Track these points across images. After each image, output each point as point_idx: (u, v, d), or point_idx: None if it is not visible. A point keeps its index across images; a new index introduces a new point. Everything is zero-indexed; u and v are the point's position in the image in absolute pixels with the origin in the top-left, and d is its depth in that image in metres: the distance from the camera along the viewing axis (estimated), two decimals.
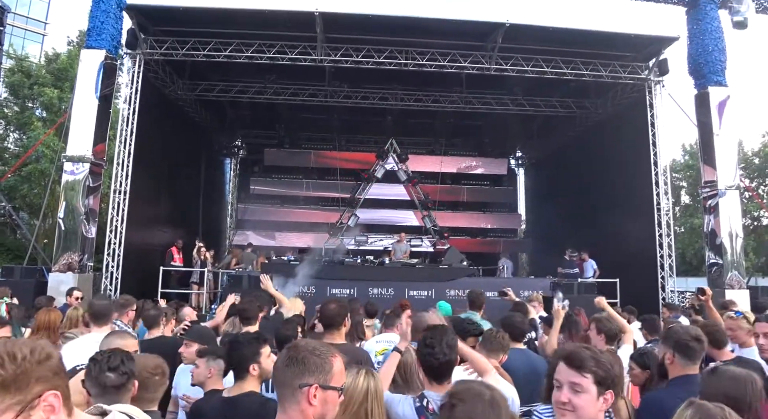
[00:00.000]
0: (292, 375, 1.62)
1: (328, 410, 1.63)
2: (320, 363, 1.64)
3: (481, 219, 19.96)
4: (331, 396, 1.63)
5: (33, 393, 1.11)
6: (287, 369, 1.65)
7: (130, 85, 11.79)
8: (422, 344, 2.49)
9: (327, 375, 1.63)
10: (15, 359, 1.10)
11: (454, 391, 1.74)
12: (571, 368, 1.85)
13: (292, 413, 1.61)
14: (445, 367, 2.45)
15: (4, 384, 1.08)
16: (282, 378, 1.65)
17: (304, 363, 1.63)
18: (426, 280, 12.04)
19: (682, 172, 36.06)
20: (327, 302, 3.70)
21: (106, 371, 2.17)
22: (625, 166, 13.65)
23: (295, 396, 1.61)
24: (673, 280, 12.38)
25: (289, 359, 1.66)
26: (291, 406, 1.61)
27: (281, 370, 1.66)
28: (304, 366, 1.62)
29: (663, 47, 12.32)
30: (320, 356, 1.66)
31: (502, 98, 14.97)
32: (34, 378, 1.12)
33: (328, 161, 18.94)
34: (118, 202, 11.40)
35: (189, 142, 15.51)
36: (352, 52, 12.00)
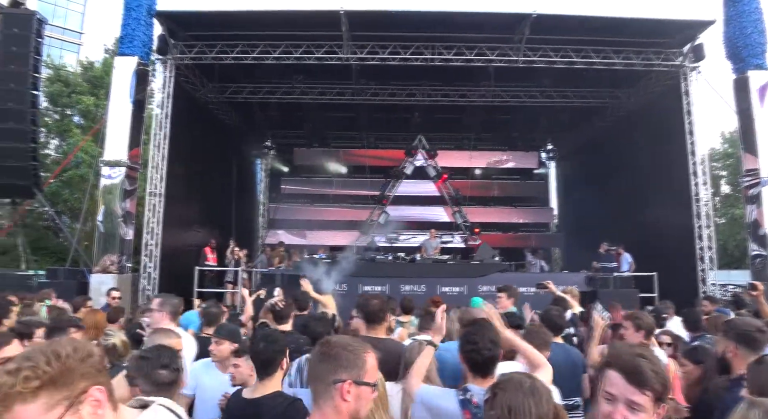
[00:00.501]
0: (326, 371, 1.62)
1: (362, 406, 1.63)
2: (353, 358, 1.64)
3: (512, 214, 19.72)
4: (365, 391, 1.63)
5: (79, 388, 1.19)
6: (320, 364, 1.65)
7: (162, 89, 12.08)
8: (465, 340, 2.49)
9: (360, 371, 1.63)
10: (59, 357, 1.17)
11: (497, 382, 1.74)
12: (631, 384, 1.61)
13: (326, 409, 1.61)
14: (489, 362, 2.44)
15: (51, 380, 1.15)
16: (316, 374, 1.66)
17: (337, 358, 1.63)
18: (458, 276, 11.96)
19: (721, 160, 34.86)
20: (368, 297, 3.67)
21: (159, 368, 2.21)
22: (661, 156, 13.26)
23: (328, 392, 1.61)
24: (713, 273, 11.97)
25: (322, 355, 1.66)
26: (325, 402, 1.61)
27: (315, 366, 1.67)
28: (337, 362, 1.63)
29: (698, 32, 11.90)
30: (353, 352, 1.66)
31: (531, 90, 14.74)
32: (78, 374, 1.19)
33: (357, 159, 19.01)
34: (153, 204, 11.69)
35: (220, 143, 15.79)
36: (378, 49, 12.00)
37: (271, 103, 15.45)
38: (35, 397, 1.13)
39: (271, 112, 16.58)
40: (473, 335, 2.49)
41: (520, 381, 1.69)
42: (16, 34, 10.95)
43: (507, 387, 1.67)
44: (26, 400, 1.12)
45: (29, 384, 1.12)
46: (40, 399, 1.14)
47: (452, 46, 11.98)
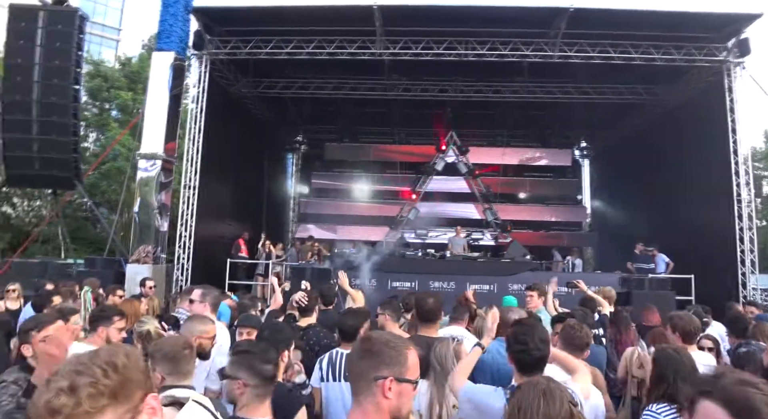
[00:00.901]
0: (367, 368, 1.60)
1: (404, 403, 1.60)
2: (395, 355, 1.61)
3: (544, 212, 19.40)
4: (406, 389, 1.61)
5: (137, 398, 1.12)
6: (362, 361, 1.63)
7: (197, 84, 12.28)
8: (513, 340, 2.46)
9: (402, 368, 1.60)
10: (117, 368, 1.09)
11: (521, 385, 1.77)
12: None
13: (367, 406, 1.59)
14: (540, 362, 2.43)
15: (113, 393, 1.07)
16: (357, 371, 1.63)
17: (379, 355, 1.61)
18: (488, 274, 11.87)
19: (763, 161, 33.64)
20: (424, 296, 3.72)
21: (265, 363, 2.30)
22: (701, 155, 12.81)
23: (369, 388, 1.59)
24: (755, 277, 11.55)
25: (364, 351, 1.64)
26: (366, 399, 1.59)
27: (356, 363, 1.65)
28: (378, 358, 1.60)
29: (744, 25, 11.44)
30: (395, 348, 1.63)
31: (565, 86, 14.44)
32: (135, 383, 1.13)
33: (387, 154, 19.01)
34: (188, 197, 11.91)
35: (252, 138, 15.99)
36: (411, 44, 11.94)
37: (303, 98, 15.57)
38: (101, 415, 1.04)
39: (303, 107, 16.74)
40: (523, 335, 2.46)
41: (537, 382, 1.69)
42: (60, 31, 11.26)
43: (523, 389, 1.68)
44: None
45: (96, 403, 1.03)
46: (106, 417, 1.05)
47: (486, 41, 11.82)
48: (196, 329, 3.23)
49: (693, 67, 12.35)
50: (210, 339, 3.25)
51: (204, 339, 3.20)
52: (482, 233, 16.63)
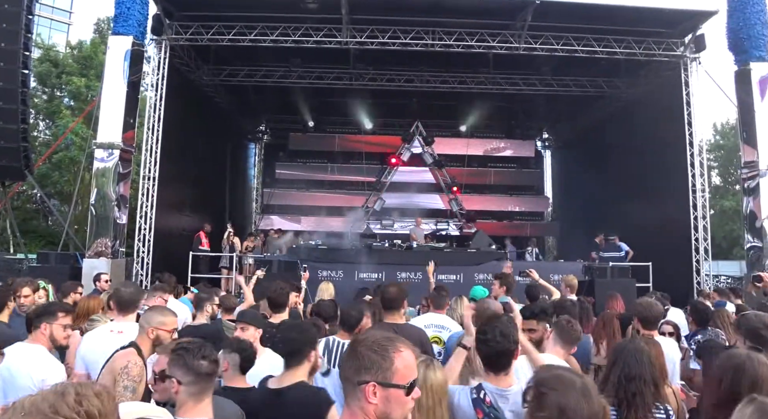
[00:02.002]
0: (351, 371, 1.55)
1: (392, 409, 1.52)
2: (377, 359, 1.53)
3: (507, 203, 19.72)
4: (395, 394, 1.52)
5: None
6: (346, 363, 1.58)
7: (156, 71, 11.81)
8: (478, 333, 2.42)
9: (386, 373, 1.52)
10: (93, 417, 1.01)
11: (542, 378, 1.65)
12: None
13: (354, 409, 1.54)
14: (501, 357, 2.36)
15: None
16: (343, 373, 1.59)
17: (362, 358, 1.54)
18: (454, 264, 11.93)
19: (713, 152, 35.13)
20: (387, 285, 3.94)
21: (200, 358, 2.16)
22: (658, 148, 13.22)
23: (355, 392, 1.53)
24: (708, 264, 12.02)
25: (349, 353, 1.59)
26: (352, 402, 1.54)
27: (343, 365, 1.60)
28: (360, 362, 1.54)
29: (700, 22, 11.80)
30: (378, 351, 1.55)
31: (530, 78, 14.62)
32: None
33: (353, 145, 18.87)
34: (147, 188, 11.50)
35: (214, 127, 15.56)
36: (378, 33, 11.80)
37: (267, 87, 15.21)
38: None
39: (267, 95, 16.37)
40: (484, 326, 2.44)
41: (571, 380, 1.61)
42: (6, 11, 10.63)
43: (557, 386, 1.58)
44: None
45: None
46: None
47: (453, 32, 11.80)
48: (154, 320, 3.08)
49: (652, 62, 12.69)
50: (169, 332, 3.09)
51: (162, 331, 3.05)
52: (447, 223, 16.73)
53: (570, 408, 1.54)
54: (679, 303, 7.67)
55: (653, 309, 3.99)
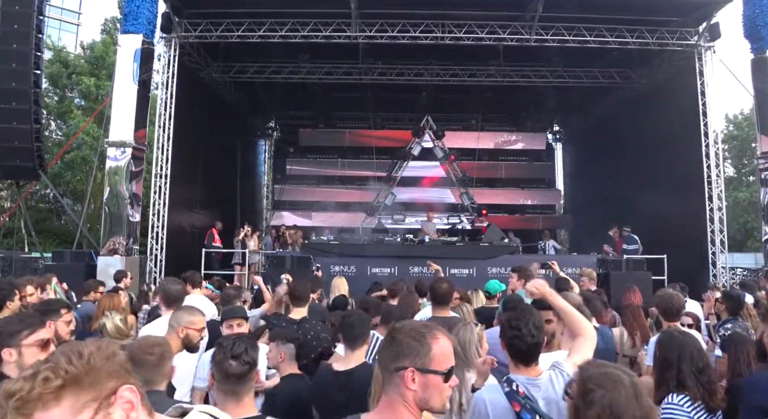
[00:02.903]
0: (389, 358, 1.57)
1: (431, 395, 1.54)
2: (416, 346, 1.55)
3: (519, 196, 19.61)
4: (434, 380, 1.54)
5: (107, 388, 1.04)
6: (384, 350, 1.61)
7: (166, 69, 11.83)
8: (507, 326, 2.36)
9: (425, 359, 1.54)
10: (82, 356, 1.02)
11: (590, 375, 1.60)
12: None
13: (393, 396, 1.56)
14: (534, 349, 2.32)
15: (75, 380, 1.00)
16: (381, 361, 1.62)
17: (400, 345, 1.57)
18: (467, 258, 11.88)
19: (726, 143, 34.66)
20: (438, 281, 4.15)
21: (229, 358, 2.14)
22: (672, 138, 13.04)
23: (392, 378, 1.56)
24: (724, 256, 11.87)
25: (388, 340, 1.61)
26: (390, 389, 1.57)
27: (381, 352, 1.63)
28: (399, 349, 1.56)
29: (715, 10, 11.61)
30: (417, 338, 1.57)
31: (540, 70, 14.48)
32: (105, 373, 1.05)
33: (363, 140, 18.83)
34: (159, 186, 11.56)
35: (224, 124, 15.59)
36: (387, 27, 11.73)
37: (276, 83, 15.19)
38: (58, 400, 0.97)
39: (277, 92, 16.36)
40: (516, 320, 2.36)
41: (620, 377, 1.57)
42: (17, 12, 10.68)
43: (606, 385, 1.54)
44: (48, 404, 0.96)
45: (49, 384, 0.97)
46: (65, 402, 0.98)
47: (463, 24, 11.71)
48: (184, 320, 3.08)
49: (665, 51, 12.50)
50: (198, 331, 3.10)
51: (191, 331, 3.06)
52: (459, 217, 16.64)
53: (621, 407, 1.51)
54: (696, 296, 7.59)
55: (675, 300, 3.95)
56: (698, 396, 2.44)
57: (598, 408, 1.51)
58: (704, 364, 2.53)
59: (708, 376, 2.53)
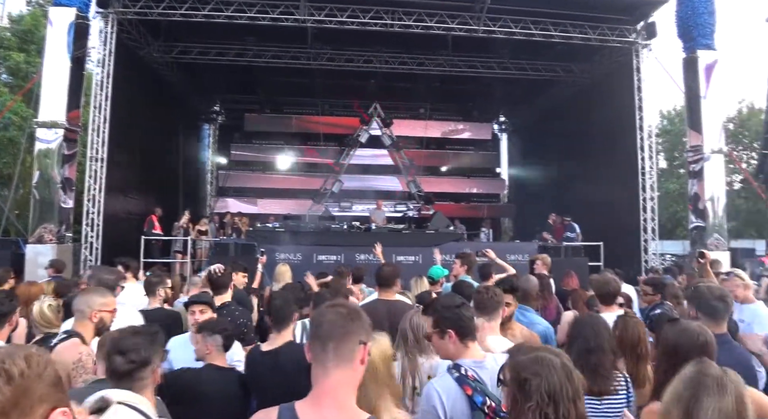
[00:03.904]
0: (356, 331, 1.54)
1: (362, 372, 1.58)
2: (369, 323, 1.61)
3: (465, 185, 19.96)
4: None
5: (38, 415, 0.93)
6: (354, 324, 1.56)
7: (102, 46, 11.20)
8: (444, 308, 2.36)
9: (370, 338, 1.60)
10: (12, 378, 0.90)
11: (522, 362, 1.61)
12: None
13: (348, 371, 1.52)
14: (473, 324, 2.36)
15: (3, 411, 0.88)
16: (344, 333, 1.54)
17: (365, 322, 1.58)
18: (413, 245, 11.98)
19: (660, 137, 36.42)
20: (383, 265, 4.30)
21: (116, 353, 1.96)
22: (610, 131, 13.62)
23: (353, 352, 1.53)
24: (655, 243, 12.57)
25: (356, 316, 1.58)
26: (344, 364, 1.52)
27: (347, 326, 1.55)
28: (362, 323, 1.57)
29: (652, 10, 12.14)
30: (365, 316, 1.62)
31: (488, 61, 14.70)
32: (36, 396, 0.93)
33: (310, 126, 18.59)
34: (95, 170, 11.00)
35: (166, 106, 14.99)
36: (337, 12, 11.58)
37: (221, 66, 14.68)
38: None
39: (221, 74, 15.84)
40: (450, 299, 2.41)
41: (551, 361, 1.58)
42: None
43: (540, 371, 1.56)
44: None
45: None
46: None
47: (412, 13, 11.70)
48: (96, 302, 2.91)
49: (605, 47, 12.97)
50: (111, 313, 2.96)
51: (105, 313, 2.92)
52: (405, 205, 16.78)
53: (557, 393, 1.53)
54: (629, 280, 7.99)
55: (611, 285, 4.07)
56: None
57: (536, 397, 1.52)
58: (596, 345, 2.52)
59: (597, 358, 2.51)
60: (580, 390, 1.57)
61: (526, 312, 4.01)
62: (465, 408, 2.04)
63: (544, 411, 1.51)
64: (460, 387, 2.09)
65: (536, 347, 1.74)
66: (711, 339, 2.09)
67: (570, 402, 1.53)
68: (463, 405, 2.05)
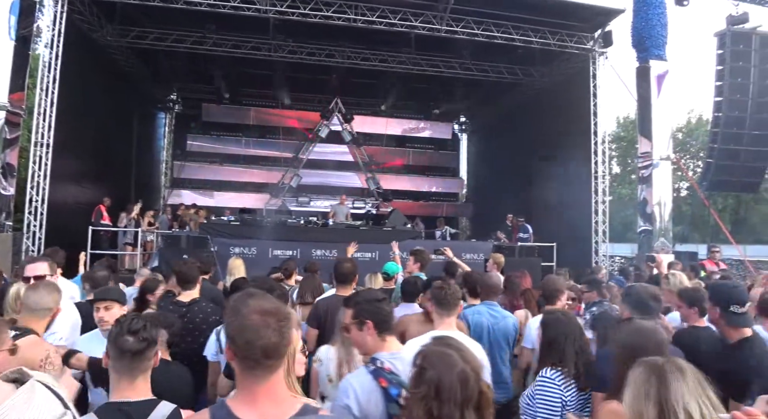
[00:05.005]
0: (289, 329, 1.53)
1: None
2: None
3: (424, 183, 20.11)
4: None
5: None
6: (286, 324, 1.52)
7: (51, 26, 10.68)
8: (367, 302, 2.36)
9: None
10: None
11: (427, 352, 1.67)
12: None
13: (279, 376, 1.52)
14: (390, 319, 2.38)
15: None
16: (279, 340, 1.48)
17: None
18: (370, 242, 11.95)
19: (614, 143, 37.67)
20: (342, 261, 4.36)
21: (126, 333, 2.01)
22: (566, 135, 13.96)
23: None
24: (606, 245, 12.95)
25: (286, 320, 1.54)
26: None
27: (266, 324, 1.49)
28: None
29: (609, 19, 12.47)
30: None
31: (450, 62, 14.81)
32: None
33: (270, 118, 18.30)
34: (40, 156, 10.48)
35: (119, 92, 14.40)
36: (300, 3, 11.41)
37: (179, 53, 14.24)
38: None
39: (179, 62, 15.39)
40: (370, 295, 2.43)
41: (454, 361, 1.61)
42: None
43: (437, 365, 1.60)
44: None
45: None
46: None
47: (376, 9, 11.65)
48: (42, 299, 2.87)
49: (564, 53, 13.28)
50: (58, 310, 2.97)
51: (52, 310, 2.93)
52: (364, 202, 16.75)
53: (444, 390, 1.56)
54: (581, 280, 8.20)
55: (557, 284, 4.28)
56: (572, 374, 2.60)
57: (425, 388, 1.57)
58: (583, 343, 2.70)
59: (586, 357, 2.69)
60: (473, 400, 1.58)
61: (494, 306, 4.13)
62: (380, 401, 2.05)
63: (428, 405, 1.56)
64: (375, 379, 2.10)
65: (454, 344, 1.73)
66: (665, 338, 2.16)
67: (455, 407, 1.55)
68: (378, 397, 2.06)
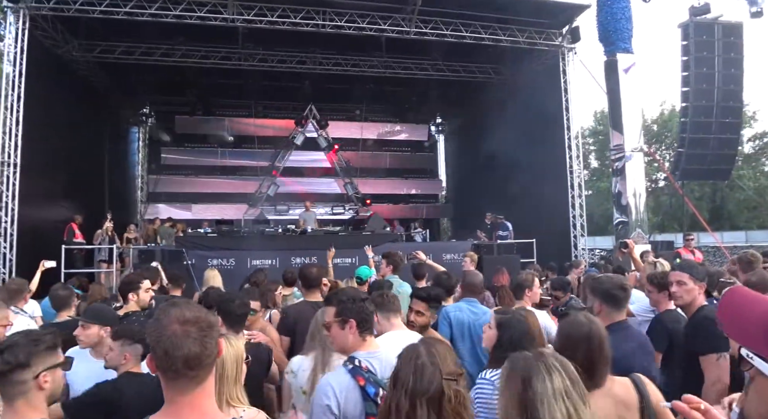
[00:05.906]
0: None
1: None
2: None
3: (402, 186, 20.11)
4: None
5: None
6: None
7: (14, 43, 10.48)
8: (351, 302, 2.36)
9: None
10: None
11: (408, 352, 1.76)
12: None
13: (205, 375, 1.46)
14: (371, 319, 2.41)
15: None
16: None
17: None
18: (349, 247, 11.90)
19: (592, 137, 38.17)
20: (307, 266, 4.43)
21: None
22: (541, 132, 14.04)
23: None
24: (584, 239, 13.06)
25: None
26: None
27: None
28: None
29: (575, 14, 12.63)
30: None
31: (422, 63, 14.87)
32: None
33: (244, 128, 18.18)
34: (7, 176, 10.27)
35: (89, 108, 14.18)
36: (267, 11, 11.36)
37: (148, 66, 14.03)
38: None
39: (149, 75, 15.21)
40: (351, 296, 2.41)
41: (414, 355, 1.70)
42: None
43: (402, 359, 1.69)
44: None
45: None
46: None
47: (344, 13, 11.65)
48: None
49: (534, 50, 13.39)
50: (2, 327, 2.93)
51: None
52: (343, 207, 16.70)
53: (400, 381, 1.67)
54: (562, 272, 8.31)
55: (520, 279, 4.40)
56: None
57: (399, 387, 1.65)
58: (527, 343, 2.54)
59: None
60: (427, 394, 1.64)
61: (474, 303, 4.14)
62: (358, 400, 2.08)
63: (398, 404, 1.64)
64: (353, 378, 2.11)
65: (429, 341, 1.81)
66: (597, 329, 2.11)
67: (405, 397, 1.64)
68: (356, 396, 2.08)
